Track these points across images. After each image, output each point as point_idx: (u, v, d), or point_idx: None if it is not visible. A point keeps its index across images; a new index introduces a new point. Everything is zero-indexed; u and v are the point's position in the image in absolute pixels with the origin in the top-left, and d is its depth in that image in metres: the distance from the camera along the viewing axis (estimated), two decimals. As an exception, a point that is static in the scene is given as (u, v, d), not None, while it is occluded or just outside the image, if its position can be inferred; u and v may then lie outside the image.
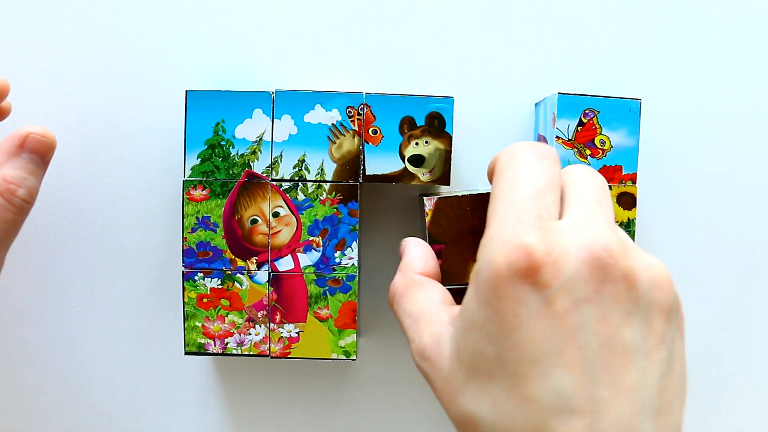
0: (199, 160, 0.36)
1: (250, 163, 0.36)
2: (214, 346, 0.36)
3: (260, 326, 0.36)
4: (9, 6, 0.38)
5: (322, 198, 0.36)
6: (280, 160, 0.36)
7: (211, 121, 0.35)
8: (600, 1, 0.39)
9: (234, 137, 0.35)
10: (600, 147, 0.36)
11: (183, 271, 0.36)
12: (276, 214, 0.36)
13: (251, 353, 0.36)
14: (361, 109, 0.35)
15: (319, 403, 0.41)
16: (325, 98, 0.35)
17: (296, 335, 0.36)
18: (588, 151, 0.36)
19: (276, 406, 0.41)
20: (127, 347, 0.40)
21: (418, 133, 0.36)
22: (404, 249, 0.31)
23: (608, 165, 0.36)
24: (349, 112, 0.35)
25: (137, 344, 0.40)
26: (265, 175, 0.36)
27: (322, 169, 0.36)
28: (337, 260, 0.36)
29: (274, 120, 0.35)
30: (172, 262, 0.39)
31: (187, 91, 0.35)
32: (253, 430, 0.41)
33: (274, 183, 0.36)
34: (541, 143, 0.25)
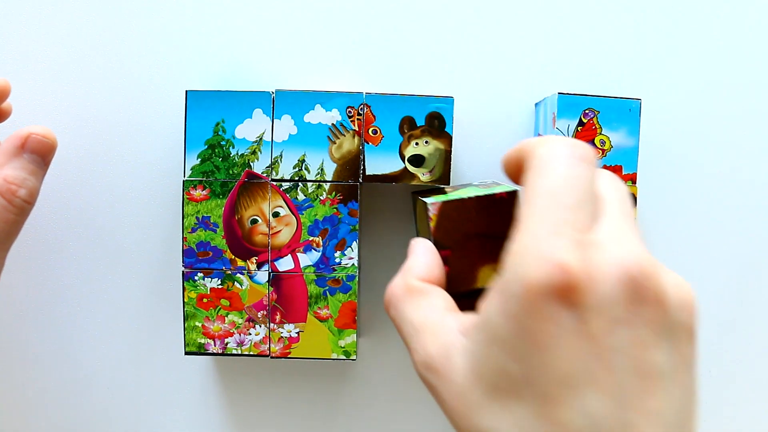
0: (199, 160, 0.36)
1: (250, 163, 0.36)
2: (214, 346, 0.36)
3: (260, 326, 0.36)
4: (9, 6, 0.38)
5: (322, 198, 0.36)
6: (280, 160, 0.36)
7: (211, 121, 0.35)
8: (600, 1, 0.39)
9: (234, 137, 0.35)
10: (600, 147, 0.36)
11: (183, 271, 0.36)
12: (276, 214, 0.36)
13: (251, 353, 0.36)
14: (361, 109, 0.35)
15: (319, 403, 0.41)
16: (325, 98, 0.35)
17: (296, 335, 0.36)
18: (588, 151, 0.36)
19: (276, 406, 0.41)
20: (127, 347, 0.40)
21: (418, 133, 0.36)
22: (409, 251, 0.29)
23: (608, 165, 0.36)
24: (349, 112, 0.35)
25: (137, 344, 0.40)
26: (265, 175, 0.36)
27: (322, 169, 0.36)
28: (337, 260, 0.36)
29: (274, 120, 0.35)
30: (172, 262, 0.39)
31: (187, 91, 0.35)
32: (253, 430, 0.41)
33: (274, 183, 0.36)
34: (580, 141, 0.23)
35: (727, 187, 0.40)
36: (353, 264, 0.36)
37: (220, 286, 0.36)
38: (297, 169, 0.36)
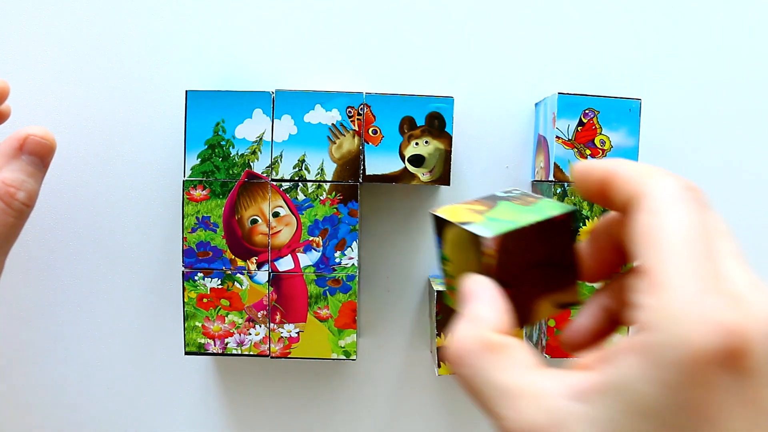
0: (199, 160, 0.36)
1: (250, 163, 0.36)
2: (214, 346, 0.36)
3: (260, 326, 0.36)
4: (9, 6, 0.38)
5: (322, 198, 0.36)
6: (280, 160, 0.36)
7: (211, 121, 0.35)
8: (600, 1, 0.39)
9: (234, 137, 0.35)
10: (600, 147, 0.36)
11: (183, 271, 0.36)
12: (276, 214, 0.36)
13: (251, 353, 0.36)
14: (361, 109, 0.35)
15: (319, 403, 0.41)
16: (325, 98, 0.35)
17: (296, 335, 0.36)
18: (588, 151, 0.36)
19: (276, 406, 0.41)
20: (127, 347, 0.40)
21: (418, 133, 0.36)
22: (469, 293, 0.24)
23: (608, 165, 0.36)
24: (349, 112, 0.35)
25: (137, 344, 0.40)
26: (265, 175, 0.36)
27: (322, 169, 0.36)
28: (337, 260, 0.36)
29: (274, 120, 0.35)
30: (172, 262, 0.39)
31: (187, 91, 0.35)
32: (253, 430, 0.41)
33: (274, 183, 0.36)
34: (689, 181, 0.22)
35: (727, 186, 0.40)
36: (353, 264, 0.36)
37: (220, 286, 0.36)
38: (297, 169, 0.36)
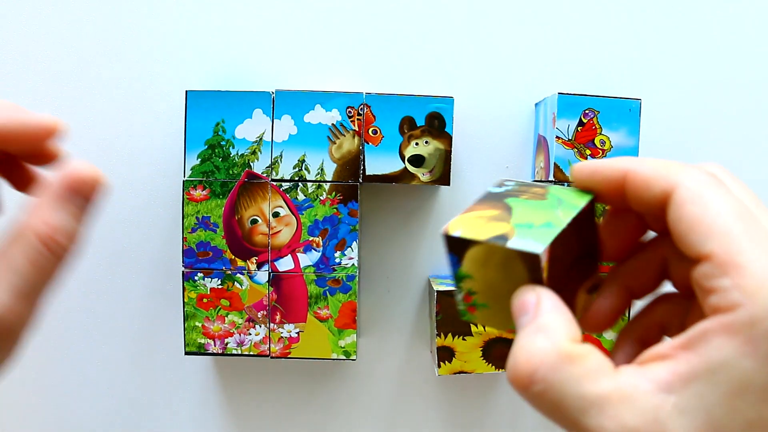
0: (199, 160, 0.36)
1: (250, 163, 0.36)
2: (214, 346, 0.36)
3: (260, 326, 0.36)
4: (9, 6, 0.38)
5: (322, 198, 0.36)
6: (280, 160, 0.36)
7: (211, 121, 0.35)
8: (600, 1, 0.39)
9: (234, 137, 0.35)
10: (600, 147, 0.36)
11: (183, 271, 0.36)
12: (276, 214, 0.36)
13: (251, 353, 0.36)
14: (361, 109, 0.35)
15: (319, 403, 0.41)
16: (325, 98, 0.35)
17: (296, 335, 0.36)
18: (588, 151, 0.36)
19: (276, 406, 0.41)
20: (127, 347, 0.40)
21: (418, 133, 0.36)
22: (531, 304, 0.23)
23: (608, 165, 0.36)
24: (349, 112, 0.35)
25: (137, 344, 0.40)
26: (265, 175, 0.36)
27: (322, 169, 0.36)
28: (337, 260, 0.36)
29: (274, 120, 0.35)
30: (172, 262, 0.39)
31: (187, 91, 0.35)
32: (253, 430, 0.41)
33: (274, 183, 0.36)
34: (704, 166, 0.23)
35: (727, 187, 0.40)
36: (353, 264, 0.36)
37: (220, 286, 0.36)
38: (297, 169, 0.36)
